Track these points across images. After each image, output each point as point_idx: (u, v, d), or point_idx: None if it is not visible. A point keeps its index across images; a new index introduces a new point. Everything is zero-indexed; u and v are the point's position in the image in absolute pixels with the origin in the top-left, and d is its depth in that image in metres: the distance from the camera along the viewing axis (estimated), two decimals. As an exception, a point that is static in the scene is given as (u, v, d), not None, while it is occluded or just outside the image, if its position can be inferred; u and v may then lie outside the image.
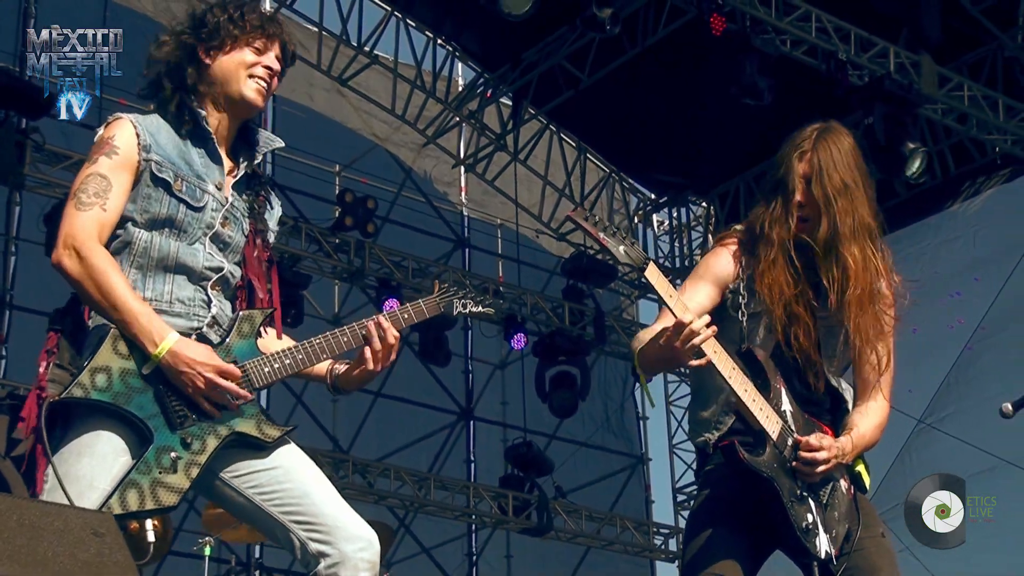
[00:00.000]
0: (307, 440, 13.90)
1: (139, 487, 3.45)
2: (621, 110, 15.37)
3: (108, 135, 3.67)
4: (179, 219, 3.67)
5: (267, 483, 3.63)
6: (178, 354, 3.52)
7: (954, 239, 15.00)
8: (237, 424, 3.62)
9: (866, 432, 4.03)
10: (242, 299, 3.85)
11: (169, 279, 3.66)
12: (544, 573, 16.75)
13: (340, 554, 3.56)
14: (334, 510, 3.62)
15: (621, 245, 3.58)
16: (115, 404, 3.48)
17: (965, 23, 13.48)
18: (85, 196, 3.58)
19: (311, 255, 13.61)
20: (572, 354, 15.06)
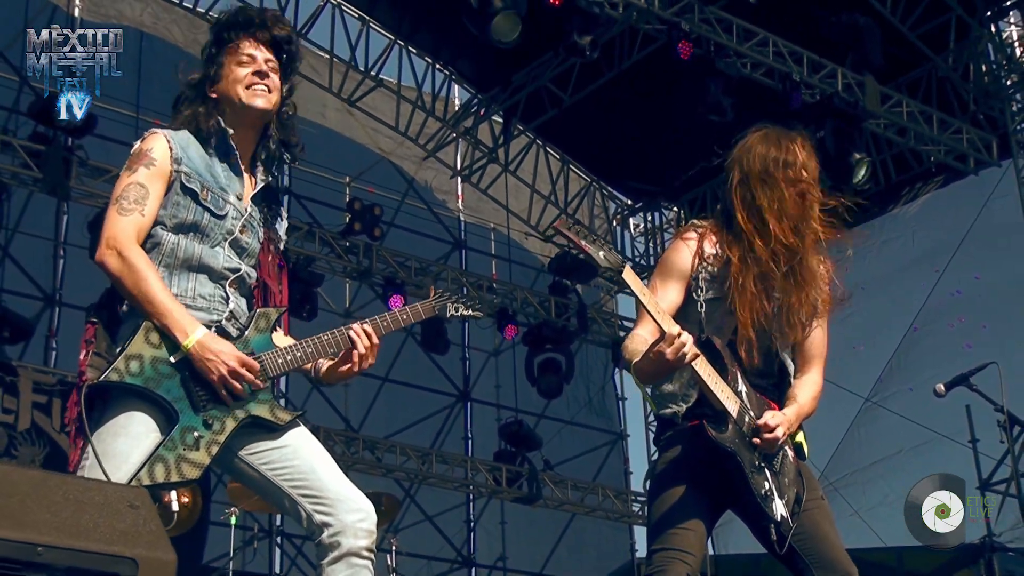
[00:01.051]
0: (321, 420, 13.94)
1: (166, 462, 3.47)
2: (600, 126, 15.37)
3: (146, 147, 3.69)
4: (203, 225, 3.70)
5: (278, 460, 3.65)
6: (205, 345, 3.54)
7: (895, 239, 15.05)
8: (253, 408, 3.64)
9: (805, 403, 4.07)
10: (258, 298, 3.88)
11: (193, 277, 3.68)
12: (535, 537, 16.76)
13: (341, 524, 3.57)
14: (336, 485, 3.63)
15: (600, 251, 3.60)
16: (146, 388, 3.50)
17: (903, 47, 13.51)
18: (126, 203, 3.60)
19: (324, 256, 13.59)
20: (558, 343, 15.06)
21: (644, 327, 3.95)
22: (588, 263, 3.40)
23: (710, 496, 3.94)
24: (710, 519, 3.97)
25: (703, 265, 4.02)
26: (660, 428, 4.11)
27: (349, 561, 3.56)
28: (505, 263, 17.16)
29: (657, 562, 3.85)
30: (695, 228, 4.14)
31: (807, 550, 3.92)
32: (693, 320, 3.90)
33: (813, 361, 4.14)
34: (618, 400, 17.78)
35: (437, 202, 16.87)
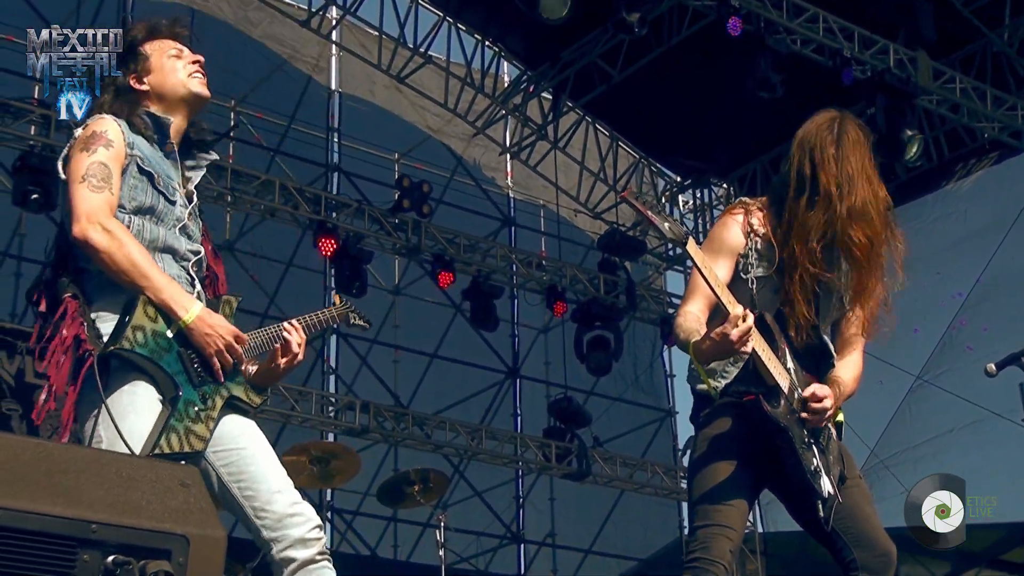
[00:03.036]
0: (372, 397, 14.03)
1: (178, 432, 3.52)
2: (649, 102, 15.31)
3: (100, 129, 3.68)
4: (159, 209, 3.72)
5: (235, 463, 3.66)
6: (204, 319, 3.60)
7: (948, 215, 14.92)
8: (232, 388, 3.71)
9: (848, 383, 4.07)
10: (209, 286, 3.90)
11: (160, 258, 3.69)
12: (583, 513, 16.80)
13: (289, 539, 3.59)
14: (283, 499, 3.64)
15: (666, 222, 3.63)
16: (152, 358, 3.53)
17: (957, 22, 13.35)
18: (95, 180, 3.58)
19: (373, 234, 13.63)
20: (607, 320, 15.05)
21: (695, 303, 3.95)
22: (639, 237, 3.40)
23: (751, 472, 3.94)
24: (751, 495, 3.98)
25: (753, 242, 4.02)
26: (698, 405, 4.11)
27: (307, 570, 3.60)
28: (554, 240, 17.17)
29: (700, 538, 3.86)
30: (744, 204, 4.13)
31: (847, 529, 3.93)
32: (743, 297, 3.89)
33: (854, 342, 4.14)
34: (666, 377, 17.77)
35: (486, 179, 16.88)
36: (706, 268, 3.70)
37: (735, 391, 3.95)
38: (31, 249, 13.14)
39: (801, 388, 3.90)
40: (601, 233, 16.15)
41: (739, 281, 4.00)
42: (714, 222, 15.25)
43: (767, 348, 3.78)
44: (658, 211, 3.61)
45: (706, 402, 4.04)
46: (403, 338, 15.78)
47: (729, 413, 3.95)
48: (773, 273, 3.98)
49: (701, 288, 3.84)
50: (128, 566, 2.57)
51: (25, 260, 13.20)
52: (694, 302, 3.96)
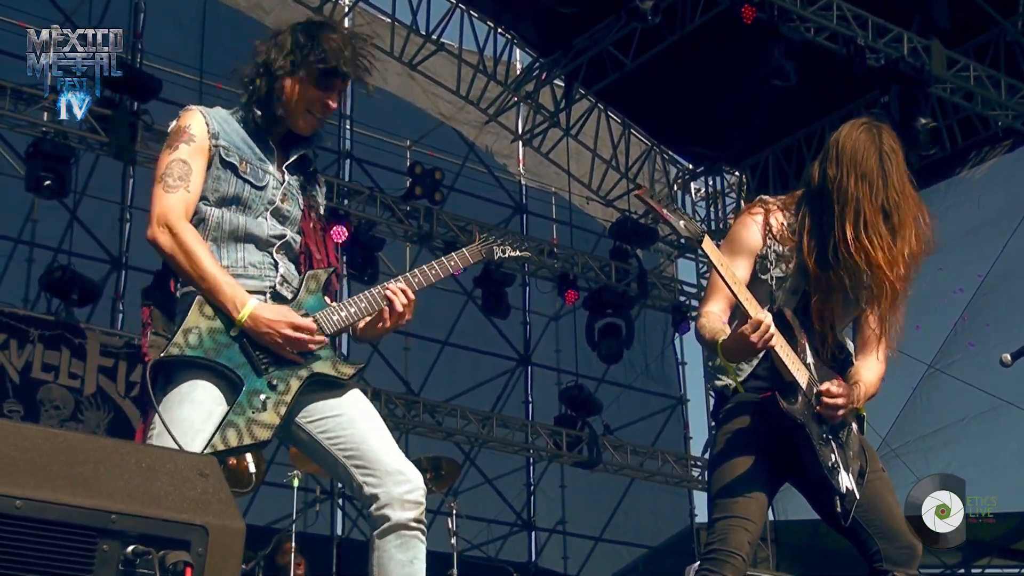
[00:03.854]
0: (382, 383, 14.03)
1: (236, 426, 3.54)
2: (662, 90, 15.28)
3: (184, 124, 3.75)
4: (245, 197, 3.75)
5: (333, 428, 3.70)
6: (258, 317, 3.62)
7: (961, 203, 14.90)
8: (315, 366, 3.71)
9: (871, 383, 4.05)
10: (304, 263, 3.91)
11: (241, 247, 3.75)
12: (594, 501, 16.82)
13: (389, 496, 3.63)
14: (387, 457, 3.67)
15: (681, 220, 3.62)
16: (206, 358, 3.58)
17: (971, 11, 13.31)
18: (171, 180, 3.65)
19: (385, 221, 13.65)
20: (618, 307, 15.04)
21: (715, 303, 3.94)
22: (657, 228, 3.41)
23: (771, 467, 3.94)
24: (770, 490, 3.97)
25: (771, 242, 4.01)
26: (718, 401, 4.12)
27: (399, 533, 3.63)
28: (566, 227, 17.16)
29: (719, 530, 3.86)
30: (764, 204, 4.10)
31: (869, 521, 3.93)
32: (763, 295, 3.88)
33: (876, 341, 4.11)
34: (678, 365, 17.75)
35: (498, 166, 16.88)
36: (722, 266, 3.69)
37: (753, 386, 3.95)
38: (44, 235, 13.17)
39: (820, 384, 3.90)
40: (613, 221, 16.15)
41: (758, 280, 3.98)
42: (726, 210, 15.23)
43: (785, 344, 3.77)
44: (673, 209, 3.61)
45: (726, 398, 4.04)
46: (414, 325, 15.66)
47: (748, 409, 3.95)
48: (792, 274, 3.97)
49: (720, 287, 3.83)
50: (147, 556, 2.58)
51: (38, 246, 13.23)
52: (715, 302, 3.95)
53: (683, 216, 3.63)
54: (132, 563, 2.58)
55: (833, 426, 3.91)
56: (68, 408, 10.82)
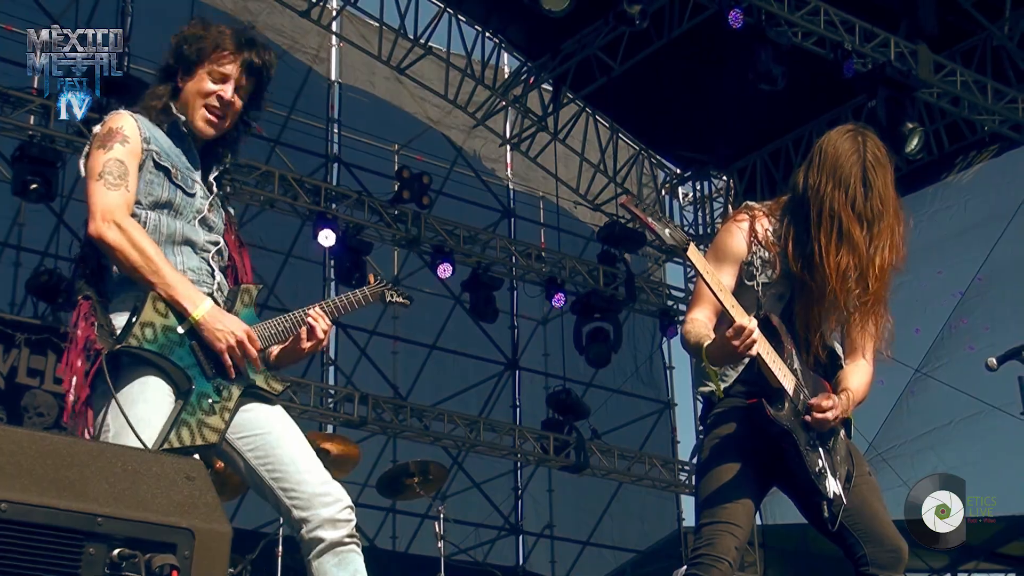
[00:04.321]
0: (370, 388, 14.03)
1: (189, 426, 3.55)
2: (649, 94, 15.31)
3: (116, 126, 3.72)
4: (176, 203, 3.75)
5: (261, 447, 3.70)
6: (214, 316, 3.64)
7: (948, 207, 14.94)
8: (252, 378, 3.74)
9: (859, 389, 4.06)
10: (230, 275, 3.92)
11: (179, 251, 3.74)
12: (582, 505, 16.82)
13: (319, 518, 3.63)
14: (312, 478, 3.68)
15: (667, 228, 3.61)
16: (162, 354, 3.57)
17: (958, 15, 13.37)
18: (111, 178, 3.63)
19: (373, 225, 13.63)
20: (606, 312, 15.05)
21: (700, 310, 3.94)
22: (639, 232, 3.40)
23: (758, 473, 3.95)
24: (758, 495, 3.98)
25: (757, 249, 4.01)
26: (705, 406, 4.12)
27: (335, 551, 3.64)
28: (554, 231, 17.18)
29: (706, 535, 3.87)
30: (749, 210, 4.10)
31: (856, 526, 3.93)
32: (749, 301, 3.88)
33: (863, 347, 4.12)
34: (666, 369, 17.77)
35: (486, 170, 16.89)
36: (708, 273, 3.69)
37: (739, 392, 3.96)
38: (30, 239, 13.15)
39: (808, 388, 3.90)
40: (601, 225, 16.17)
41: (744, 287, 3.99)
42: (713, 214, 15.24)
43: (771, 351, 3.78)
44: (659, 217, 3.60)
45: (713, 404, 4.05)
46: (402, 329, 15.79)
47: (735, 415, 3.96)
48: (777, 280, 3.97)
49: (707, 294, 3.83)
50: (133, 559, 2.58)
51: (25, 250, 13.20)
52: (700, 309, 3.95)
53: (668, 224, 3.62)
54: (118, 566, 2.58)
55: (820, 432, 3.92)
56: (52, 415, 10.77)
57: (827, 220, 3.91)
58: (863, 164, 3.93)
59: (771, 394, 3.81)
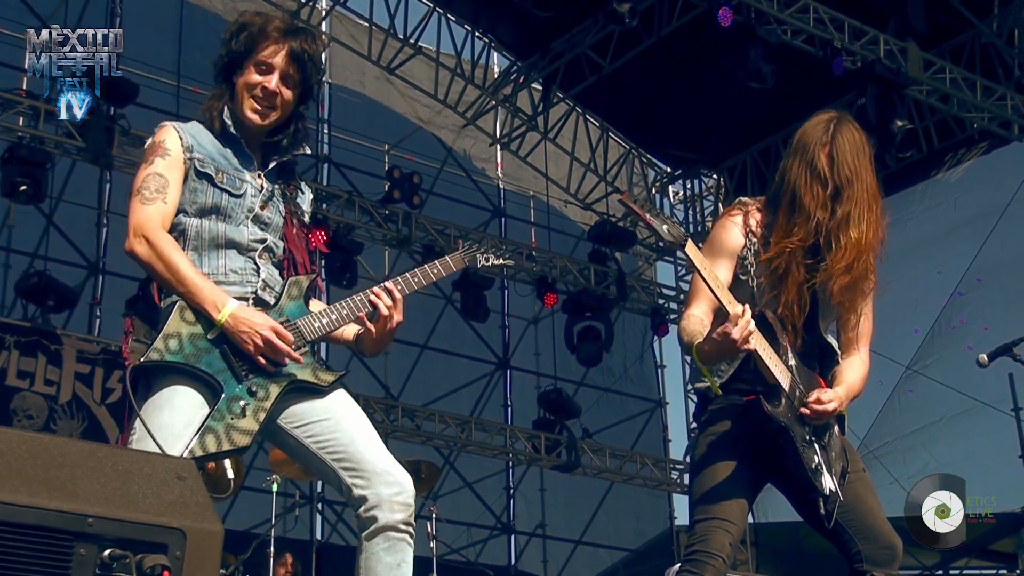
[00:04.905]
0: (361, 388, 14.02)
1: (215, 432, 3.53)
2: (639, 93, 15.32)
3: (158, 140, 3.77)
4: (224, 206, 3.76)
5: (320, 432, 3.69)
6: (238, 318, 3.61)
7: (938, 205, 14.96)
8: (296, 372, 3.70)
9: (854, 384, 4.04)
10: (287, 268, 3.91)
11: (222, 254, 3.75)
12: (573, 504, 16.83)
13: (378, 497, 3.62)
14: (375, 458, 3.67)
15: (664, 224, 3.60)
16: (186, 363, 3.57)
17: (947, 13, 13.39)
18: (148, 192, 3.67)
19: (364, 225, 13.63)
20: (597, 311, 15.06)
21: (698, 306, 3.92)
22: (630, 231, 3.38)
23: (752, 470, 3.93)
24: (752, 492, 3.96)
25: (751, 242, 4.00)
26: (700, 403, 4.11)
27: (387, 535, 3.62)
28: (544, 231, 17.18)
29: (699, 532, 3.85)
30: (742, 205, 4.10)
31: (851, 522, 3.92)
32: (744, 296, 3.86)
33: (858, 342, 4.11)
34: (657, 368, 17.79)
35: (476, 170, 16.89)
36: (705, 269, 3.67)
37: (736, 388, 3.95)
38: (20, 241, 13.11)
39: (804, 385, 3.88)
40: (591, 224, 16.17)
41: (740, 282, 3.97)
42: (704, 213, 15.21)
43: (768, 347, 3.76)
44: (656, 213, 3.59)
45: (708, 400, 4.03)
46: (393, 330, 15.76)
47: (730, 412, 3.94)
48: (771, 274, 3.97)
49: (703, 291, 3.80)
50: (124, 560, 2.57)
51: (14, 252, 13.17)
52: (697, 305, 3.93)
53: (666, 220, 3.61)
54: (109, 567, 2.56)
55: (816, 428, 3.90)
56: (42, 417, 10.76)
57: (788, 192, 3.94)
58: (830, 135, 3.94)
59: (767, 390, 3.80)
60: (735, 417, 3.93)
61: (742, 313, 3.59)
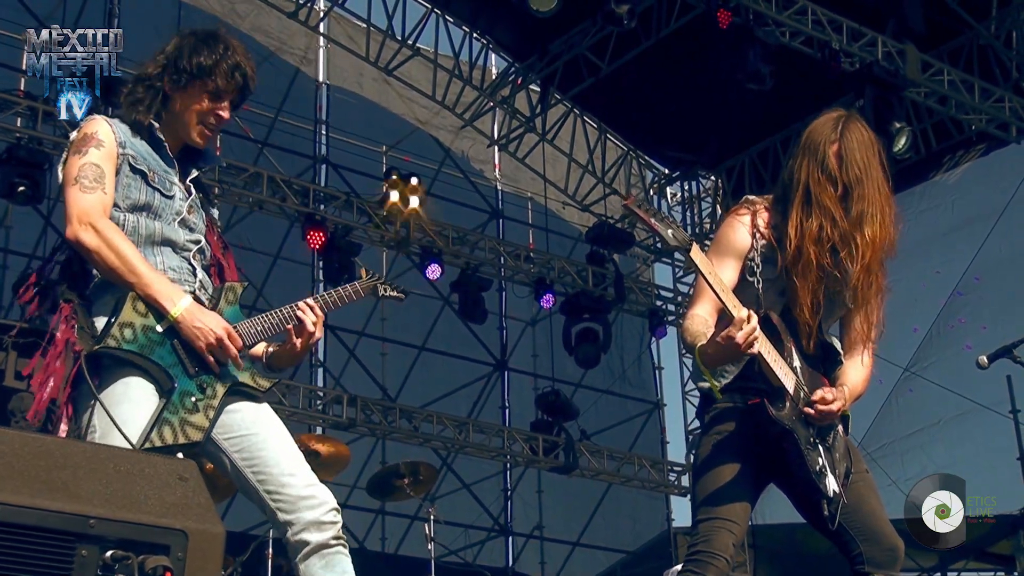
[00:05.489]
0: (359, 389, 14.02)
1: (171, 424, 3.54)
2: (637, 94, 15.32)
3: (90, 131, 3.74)
4: (155, 205, 3.76)
5: (248, 448, 3.70)
6: (192, 314, 3.63)
7: (936, 207, 14.97)
8: (237, 375, 3.74)
9: (858, 384, 4.05)
10: (215, 275, 3.93)
11: (158, 251, 3.75)
12: (571, 506, 16.83)
13: (303, 521, 3.63)
14: (297, 481, 3.67)
15: (669, 228, 3.59)
16: (142, 353, 3.57)
17: (945, 15, 13.41)
18: (87, 181, 3.64)
19: (361, 226, 13.61)
20: (595, 312, 15.05)
21: (702, 306, 3.91)
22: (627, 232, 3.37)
23: (755, 471, 3.93)
24: (754, 493, 3.97)
25: (758, 242, 3.98)
26: (703, 403, 4.10)
27: (321, 554, 3.63)
28: (542, 232, 17.18)
29: (703, 531, 3.85)
30: (749, 204, 4.08)
31: (853, 523, 3.91)
32: (749, 298, 3.86)
33: (862, 342, 4.10)
34: (654, 370, 17.79)
35: (474, 171, 16.89)
36: (710, 274, 3.66)
37: (740, 389, 3.94)
38: (17, 242, 13.11)
39: (808, 386, 3.87)
40: (589, 225, 16.17)
41: (745, 283, 3.96)
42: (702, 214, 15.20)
43: (772, 349, 3.75)
44: (660, 217, 3.58)
45: (711, 401, 4.02)
46: (391, 331, 15.78)
47: (734, 412, 3.94)
48: (778, 274, 3.95)
49: (707, 291, 3.78)
50: (127, 561, 2.57)
51: (12, 253, 13.17)
52: (701, 305, 3.92)
53: (671, 224, 3.60)
54: (111, 568, 2.57)
55: (820, 429, 3.90)
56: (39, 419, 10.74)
57: (801, 191, 3.94)
58: (839, 134, 3.95)
59: (772, 393, 3.79)
60: (739, 418, 3.93)
61: (747, 318, 3.59)
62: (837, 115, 4.03)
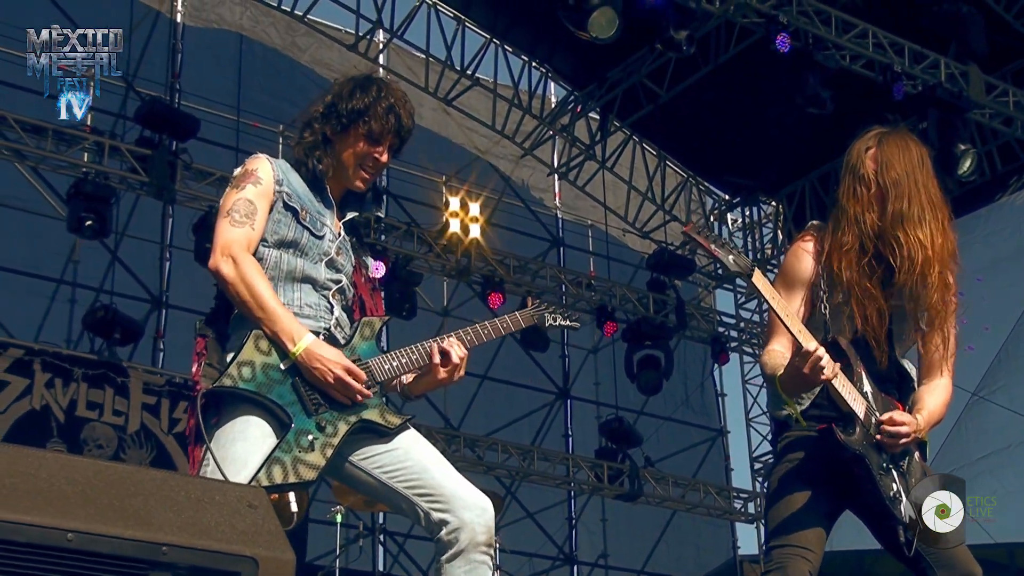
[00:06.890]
0: (422, 419, 14.01)
1: (283, 464, 3.54)
2: (697, 121, 15.29)
3: (251, 168, 3.82)
4: (303, 243, 3.80)
5: (390, 463, 3.70)
6: (312, 352, 3.62)
7: (1002, 229, 14.82)
8: (364, 413, 3.71)
9: (935, 409, 3.97)
10: (356, 313, 3.96)
11: (298, 287, 3.78)
12: (635, 534, 16.73)
13: (459, 520, 3.60)
14: (451, 483, 3.66)
15: (730, 255, 3.58)
16: (259, 393, 3.59)
17: (1009, 35, 13.28)
18: (238, 216, 3.71)
19: (422, 256, 13.67)
20: (657, 339, 15.01)
21: (778, 341, 3.88)
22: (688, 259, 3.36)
23: (829, 498, 3.88)
24: (829, 520, 3.91)
25: (823, 269, 3.95)
26: (776, 431, 4.07)
27: (467, 557, 3.60)
28: (603, 260, 17.16)
29: (776, 558, 3.81)
30: (813, 230, 4.05)
31: (929, 550, 3.85)
32: (818, 324, 3.83)
33: (939, 366, 4.03)
34: (717, 396, 17.69)
35: (534, 200, 16.91)
36: (773, 298, 3.64)
37: (813, 416, 3.89)
38: (85, 276, 13.26)
39: (880, 411, 3.82)
40: (650, 252, 16.14)
41: (815, 310, 3.93)
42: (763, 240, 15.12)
43: (841, 374, 3.70)
44: (721, 243, 3.57)
45: (784, 428, 3.99)
46: (453, 360, 15.76)
47: (806, 440, 3.90)
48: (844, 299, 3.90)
49: (780, 325, 3.74)
50: (198, 588, 2.59)
51: (80, 287, 13.32)
52: (776, 340, 3.89)
53: (732, 251, 3.58)
54: (183, 595, 2.59)
55: (893, 454, 3.85)
56: (111, 446, 10.89)
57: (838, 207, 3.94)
58: (877, 141, 3.95)
59: (842, 418, 3.75)
60: (811, 445, 3.88)
61: (814, 349, 3.55)
62: (877, 130, 4.01)
